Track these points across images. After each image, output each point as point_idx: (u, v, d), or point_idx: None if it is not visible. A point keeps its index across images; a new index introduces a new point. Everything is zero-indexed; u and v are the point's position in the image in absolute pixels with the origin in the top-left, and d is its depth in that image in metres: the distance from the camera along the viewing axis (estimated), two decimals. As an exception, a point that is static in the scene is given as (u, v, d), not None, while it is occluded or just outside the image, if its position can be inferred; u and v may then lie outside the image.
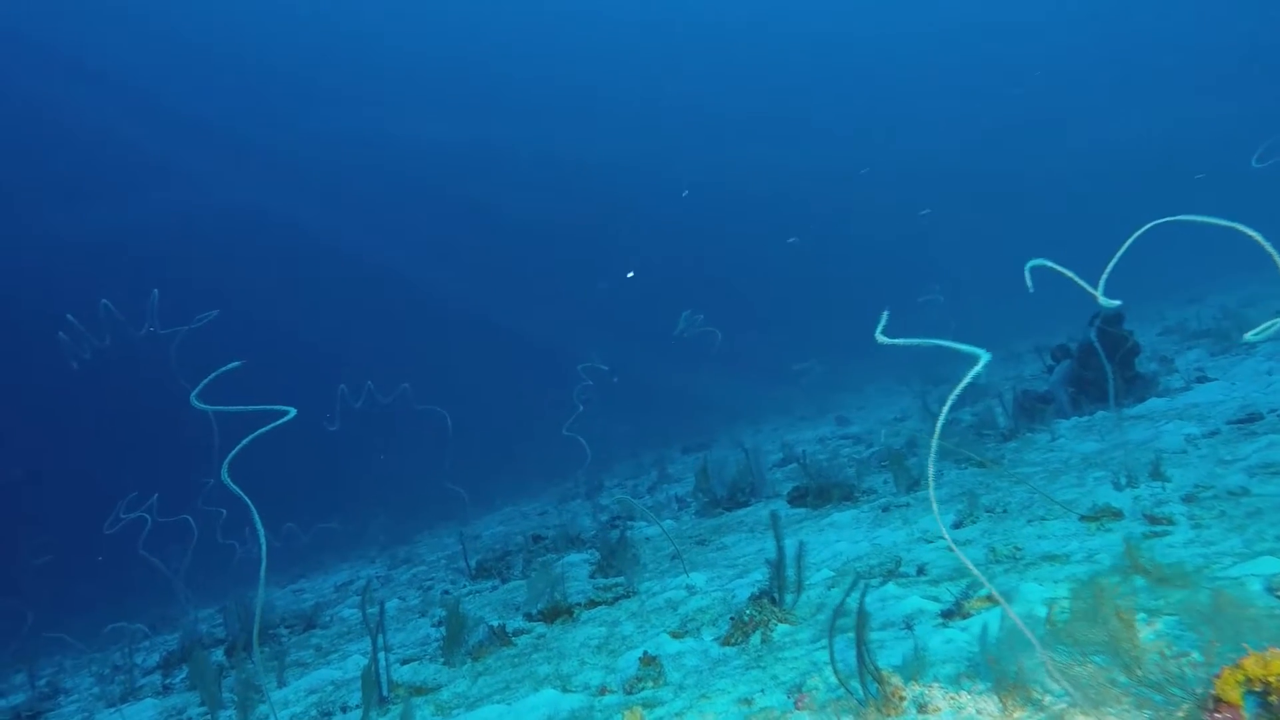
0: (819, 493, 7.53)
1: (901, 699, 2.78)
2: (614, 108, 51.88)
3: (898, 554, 5.13)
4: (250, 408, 3.44)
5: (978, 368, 2.14)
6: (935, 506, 2.75)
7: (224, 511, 8.75)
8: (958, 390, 2.22)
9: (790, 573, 4.53)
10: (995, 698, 2.63)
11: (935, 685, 2.83)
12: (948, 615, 3.78)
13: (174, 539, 9.37)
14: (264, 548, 3.37)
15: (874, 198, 52.67)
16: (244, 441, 3.33)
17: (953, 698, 2.72)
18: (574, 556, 7.66)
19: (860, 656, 2.83)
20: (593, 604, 5.57)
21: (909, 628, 3.72)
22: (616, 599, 5.60)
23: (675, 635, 4.61)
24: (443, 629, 6.27)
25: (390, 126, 45.31)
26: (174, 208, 39.50)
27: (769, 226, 53.93)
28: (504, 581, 7.49)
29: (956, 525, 5.51)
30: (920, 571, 4.67)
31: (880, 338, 2.36)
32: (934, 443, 2.48)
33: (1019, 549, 4.64)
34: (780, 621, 4.30)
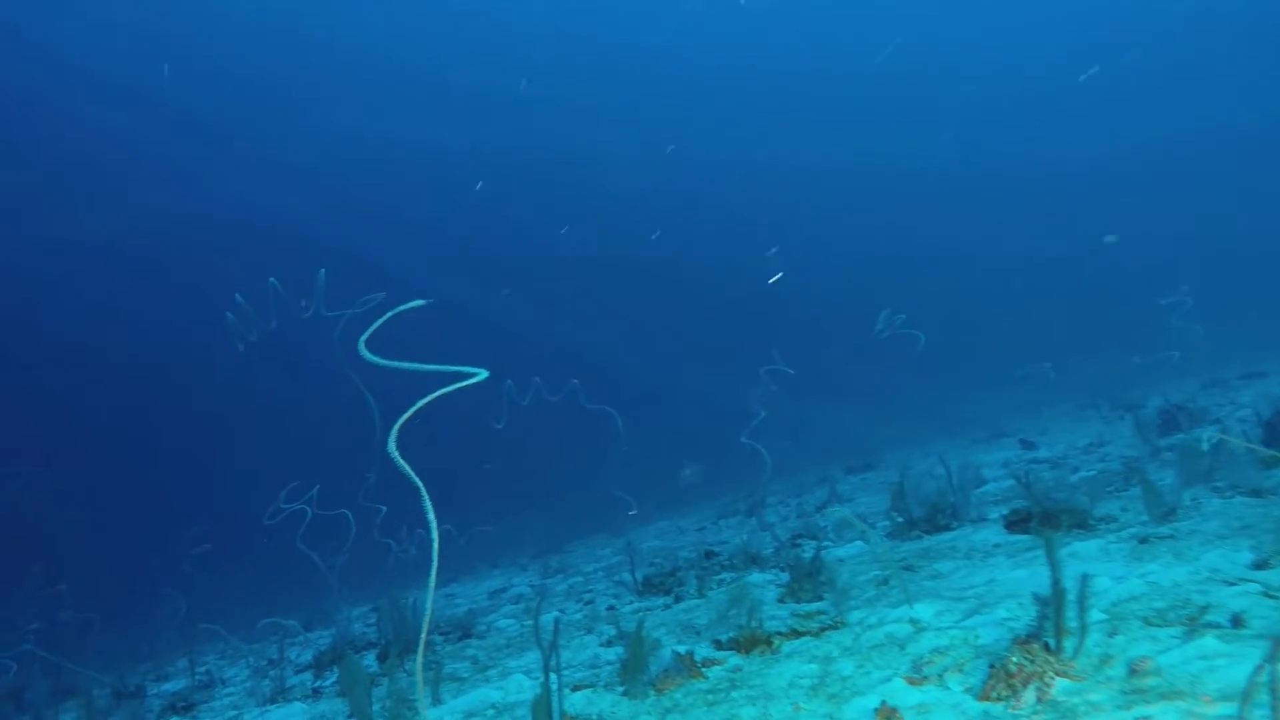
0: (1044, 518, 6.42)
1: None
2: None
3: (1189, 597, 4.05)
4: (433, 367, 2.80)
5: None
6: None
7: (383, 508, 8.41)
8: None
9: (1071, 616, 3.55)
10: None
11: None
12: (1330, 688, 2.74)
13: (332, 534, 9.10)
14: (435, 537, 2.72)
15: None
16: (420, 403, 2.70)
17: None
18: (756, 576, 6.81)
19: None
20: (795, 634, 4.72)
21: (1282, 703, 2.70)
22: (822, 629, 4.73)
23: (912, 681, 3.71)
24: (613, 649, 5.55)
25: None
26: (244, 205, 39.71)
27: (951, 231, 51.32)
28: (677, 600, 6.72)
29: (1259, 565, 4.38)
30: (1237, 622, 3.61)
31: None
32: None
33: (1372, 601, 3.52)
34: (1059, 675, 3.34)
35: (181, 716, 7.00)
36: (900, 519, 7.80)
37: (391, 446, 2.72)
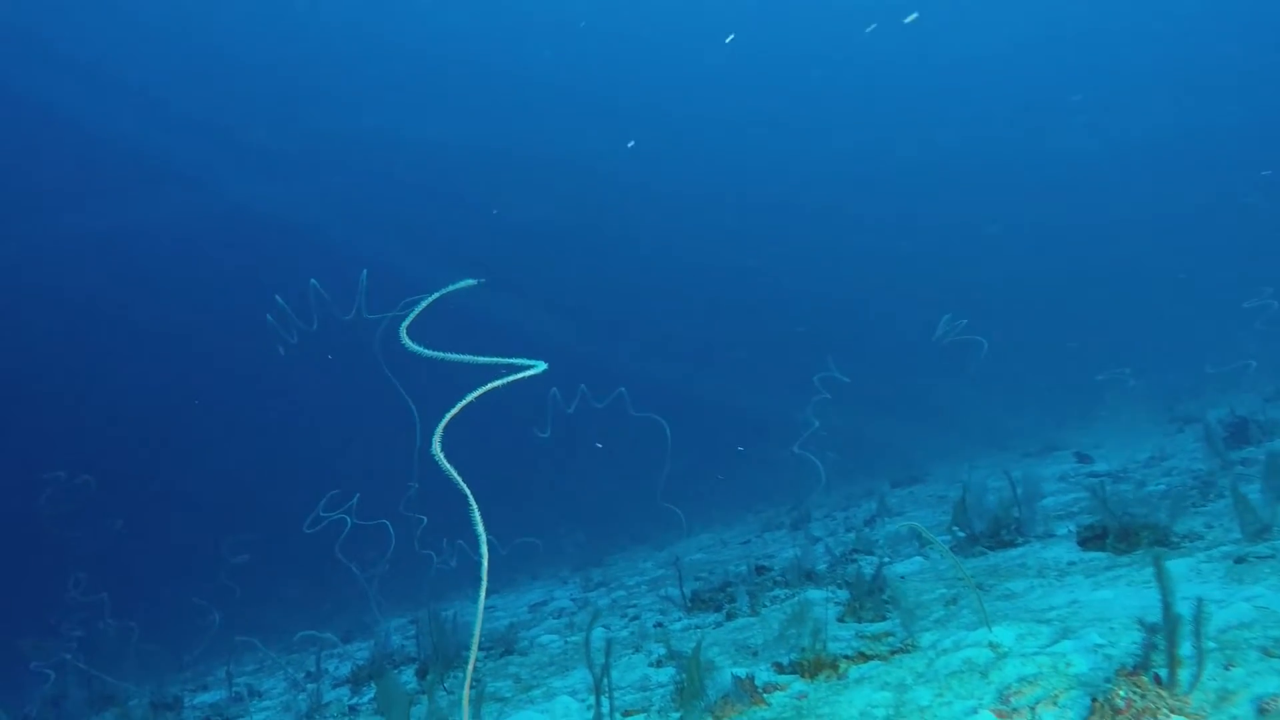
0: (1121, 534, 6.03)
1: None
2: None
3: (1308, 624, 3.67)
4: (483, 359, 2.54)
5: None
6: None
7: (424, 519, 8.19)
8: None
9: (1186, 643, 3.20)
10: None
11: None
12: None
13: (372, 544, 8.91)
14: (484, 551, 2.46)
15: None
16: (468, 398, 2.44)
17: None
18: (812, 593, 6.48)
19: None
20: (862, 657, 4.39)
21: None
22: (893, 653, 4.40)
23: (1000, 715, 3.38)
24: (663, 670, 5.26)
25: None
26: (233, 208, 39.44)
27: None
28: (729, 618, 6.41)
29: (1378, 589, 3.98)
30: (1369, 654, 3.23)
31: None
32: None
33: None
34: (1175, 712, 3.00)
35: (216, 732, 6.81)
36: (962, 534, 7.42)
37: (436, 449, 2.47)
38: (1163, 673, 3.15)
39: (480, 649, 7.46)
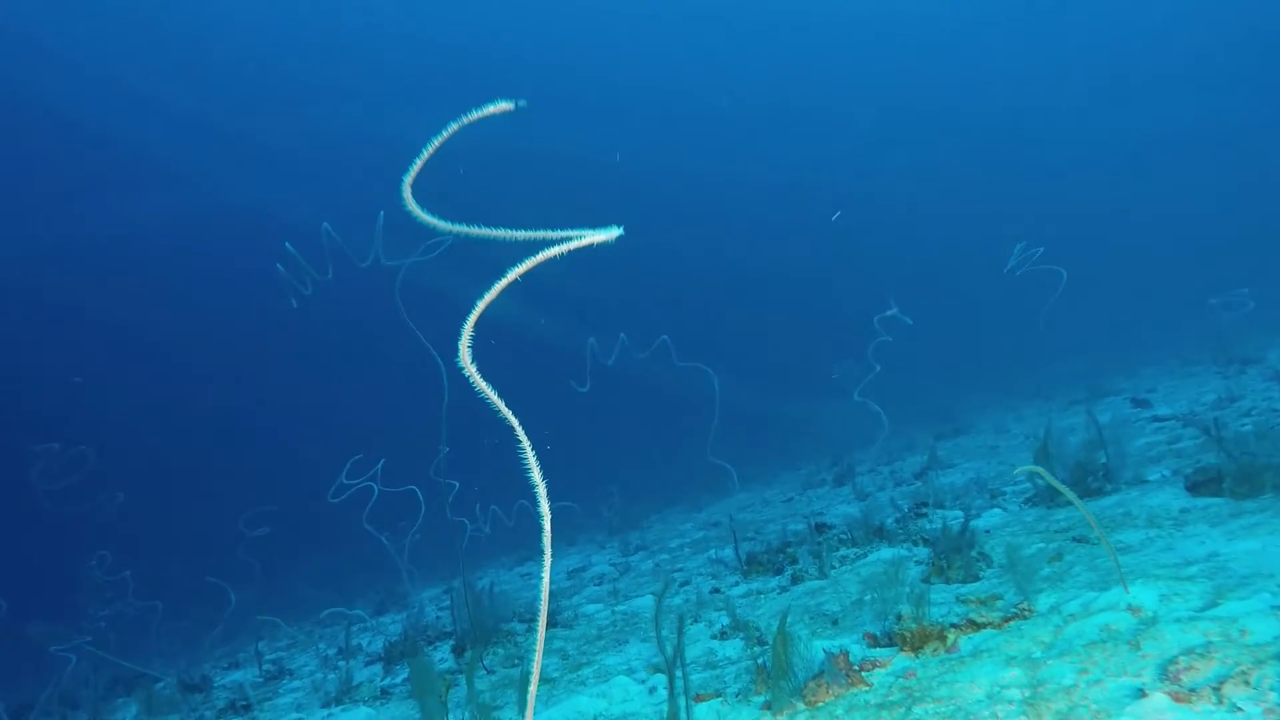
0: (1241, 476, 5.33)
1: None
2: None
3: None
4: (537, 233, 1.89)
5: None
6: None
7: (456, 484, 7.62)
8: None
9: None
10: None
11: None
12: None
13: (401, 512, 8.37)
14: (545, 511, 1.84)
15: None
16: (516, 271, 1.80)
17: None
18: (886, 552, 5.84)
19: None
20: (972, 625, 3.74)
21: None
22: (1006, 619, 3.75)
23: (1178, 699, 2.73)
24: (729, 643, 4.65)
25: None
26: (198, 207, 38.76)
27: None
28: (794, 581, 5.77)
29: None
30: None
31: None
32: None
33: None
34: None
35: (240, 717, 6.31)
36: (1042, 482, 6.75)
37: (464, 358, 1.84)
38: (1401, 643, 2.49)
39: (519, 620, 6.90)
